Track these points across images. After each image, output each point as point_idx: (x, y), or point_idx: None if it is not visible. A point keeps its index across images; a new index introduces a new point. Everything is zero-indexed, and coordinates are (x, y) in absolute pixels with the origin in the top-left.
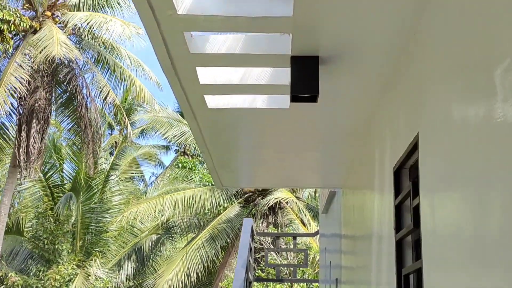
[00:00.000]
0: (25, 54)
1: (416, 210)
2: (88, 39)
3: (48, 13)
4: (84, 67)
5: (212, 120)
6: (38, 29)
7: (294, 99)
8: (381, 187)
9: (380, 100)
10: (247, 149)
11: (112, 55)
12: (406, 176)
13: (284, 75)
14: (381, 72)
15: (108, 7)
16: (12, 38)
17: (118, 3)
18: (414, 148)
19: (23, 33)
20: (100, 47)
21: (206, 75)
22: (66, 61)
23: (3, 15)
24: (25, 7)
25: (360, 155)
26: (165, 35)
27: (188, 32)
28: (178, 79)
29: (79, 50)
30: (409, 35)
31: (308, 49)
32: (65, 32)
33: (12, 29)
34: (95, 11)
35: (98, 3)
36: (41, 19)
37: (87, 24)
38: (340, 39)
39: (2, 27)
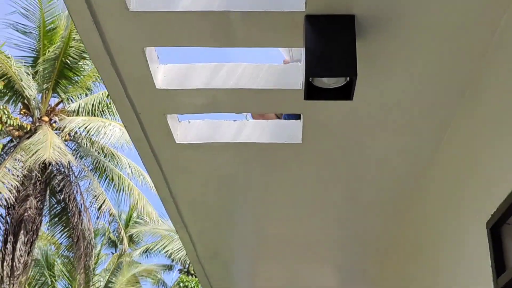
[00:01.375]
0: (16, 159)
1: None
2: (86, 145)
3: (46, 118)
4: (80, 174)
5: (184, 166)
6: (32, 134)
7: (311, 92)
8: (457, 267)
9: (461, 100)
10: (239, 220)
11: (111, 163)
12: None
13: (292, 73)
14: (470, 50)
15: (109, 113)
16: (5, 145)
17: None
18: None
19: (17, 139)
20: (99, 154)
21: (165, 72)
22: (61, 168)
23: None
24: (22, 112)
25: (408, 221)
26: None
27: None
28: (119, 78)
29: (77, 158)
30: None
31: (336, 1)
32: (61, 137)
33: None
34: (95, 117)
35: (98, 108)
36: (37, 124)
37: (85, 128)
38: None
39: None
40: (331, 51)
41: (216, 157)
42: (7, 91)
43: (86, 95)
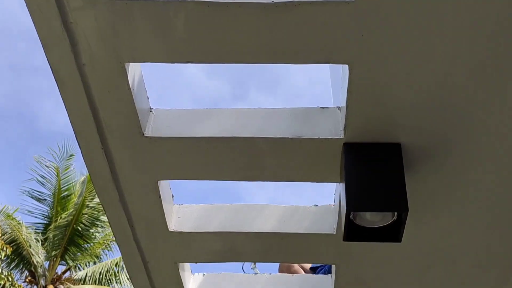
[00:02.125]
0: None
1: None
2: None
3: (51, 287)
4: None
5: None
6: None
7: (352, 232)
8: None
9: None
10: None
11: None
12: None
13: (325, 215)
14: None
15: (116, 281)
16: None
17: (128, 278)
18: None
19: None
20: None
21: (179, 212)
22: None
23: None
24: (27, 280)
25: None
26: None
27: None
28: (127, 216)
29: None
30: None
31: (379, 128)
32: None
33: None
34: (102, 285)
35: (105, 276)
36: None
37: None
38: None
39: None
40: (376, 182)
41: None
42: (15, 257)
43: (95, 263)
